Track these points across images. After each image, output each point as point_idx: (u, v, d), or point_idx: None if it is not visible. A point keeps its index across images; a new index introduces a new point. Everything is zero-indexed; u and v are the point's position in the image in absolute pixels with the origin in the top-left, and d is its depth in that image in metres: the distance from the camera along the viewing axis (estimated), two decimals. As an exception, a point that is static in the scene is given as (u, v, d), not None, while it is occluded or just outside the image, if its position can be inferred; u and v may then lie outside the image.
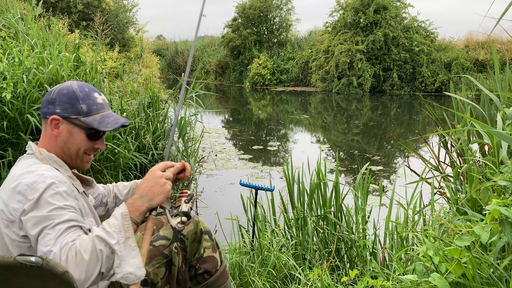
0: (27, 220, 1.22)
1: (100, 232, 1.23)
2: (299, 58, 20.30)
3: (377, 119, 11.70)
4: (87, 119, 1.40)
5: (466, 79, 14.79)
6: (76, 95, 1.40)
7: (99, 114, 1.43)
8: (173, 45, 28.91)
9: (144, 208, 1.35)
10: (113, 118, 1.45)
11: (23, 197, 1.24)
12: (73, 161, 1.46)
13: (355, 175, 6.03)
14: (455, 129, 2.69)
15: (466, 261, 1.33)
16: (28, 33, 4.73)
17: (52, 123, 1.40)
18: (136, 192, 1.38)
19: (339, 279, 2.48)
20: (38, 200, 1.23)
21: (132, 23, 16.63)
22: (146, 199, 1.35)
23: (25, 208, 1.23)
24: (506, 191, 1.60)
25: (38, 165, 1.35)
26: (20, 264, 1.05)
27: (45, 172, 1.30)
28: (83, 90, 1.42)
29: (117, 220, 1.27)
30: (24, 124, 3.57)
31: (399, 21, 17.73)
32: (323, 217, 2.91)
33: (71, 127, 1.41)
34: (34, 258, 1.05)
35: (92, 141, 1.44)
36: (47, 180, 1.26)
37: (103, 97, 1.48)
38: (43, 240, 1.19)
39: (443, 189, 3.04)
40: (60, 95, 1.40)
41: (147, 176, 1.41)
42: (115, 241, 1.23)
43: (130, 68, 6.06)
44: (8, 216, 1.26)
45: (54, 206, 1.23)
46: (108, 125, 1.42)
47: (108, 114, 1.45)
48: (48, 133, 1.42)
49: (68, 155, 1.44)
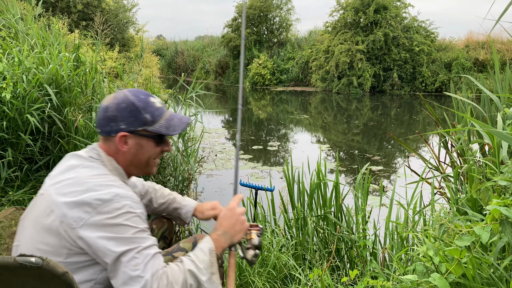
0: (93, 235, 1.19)
1: (191, 266, 1.26)
2: (299, 58, 20.30)
3: (377, 119, 11.70)
4: (153, 127, 1.38)
5: (467, 79, 14.79)
6: (136, 106, 1.36)
7: (163, 119, 1.41)
8: (173, 45, 28.93)
9: (226, 245, 1.40)
10: (177, 120, 1.43)
11: (92, 210, 1.21)
12: (142, 170, 1.44)
13: (355, 175, 6.02)
14: (455, 129, 2.69)
15: (466, 261, 1.33)
16: (28, 33, 4.73)
17: (121, 141, 1.36)
18: (218, 228, 1.41)
19: (339, 279, 2.48)
20: (116, 219, 1.21)
21: (132, 23, 16.64)
22: (228, 237, 1.40)
23: (92, 220, 1.20)
24: (506, 191, 1.60)
25: (109, 177, 1.31)
26: (20, 265, 1.05)
27: (120, 191, 1.26)
28: (140, 98, 1.38)
29: (205, 256, 1.30)
30: (24, 124, 3.57)
31: (399, 21, 17.73)
32: (323, 217, 2.91)
33: (139, 139, 1.38)
34: (34, 258, 1.05)
35: (160, 146, 1.43)
36: (123, 201, 1.24)
37: (158, 99, 1.44)
38: (130, 264, 1.18)
39: (443, 189, 3.04)
40: (119, 110, 1.35)
41: (227, 213, 1.44)
42: (206, 278, 1.27)
43: (130, 68, 6.06)
44: (70, 222, 1.21)
45: (136, 230, 1.23)
46: (176, 128, 1.41)
47: (170, 116, 1.43)
48: (114, 148, 1.38)
49: (137, 166, 1.42)
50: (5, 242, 2.62)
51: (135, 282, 1.17)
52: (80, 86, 4.00)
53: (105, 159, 1.36)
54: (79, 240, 1.21)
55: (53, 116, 3.64)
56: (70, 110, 3.71)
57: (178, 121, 1.43)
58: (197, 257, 1.29)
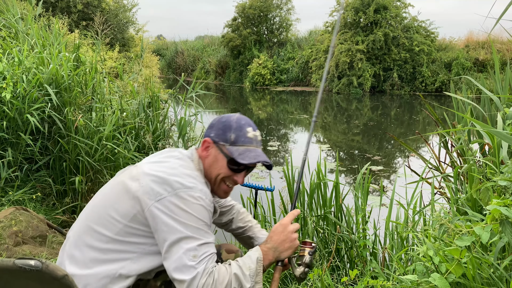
0: (166, 211, 1.29)
1: (238, 271, 1.31)
2: (299, 58, 20.29)
3: (377, 119, 11.69)
4: (231, 148, 1.45)
5: (467, 79, 14.79)
6: (230, 125, 1.47)
7: (244, 147, 1.46)
8: (173, 45, 28.91)
9: (273, 259, 1.43)
10: (254, 154, 1.46)
11: (172, 190, 1.31)
12: (213, 185, 1.50)
13: (355, 175, 6.02)
14: (456, 129, 2.69)
15: (466, 261, 1.33)
16: (28, 33, 4.72)
17: (204, 145, 1.49)
18: (268, 241, 1.45)
19: (339, 279, 2.48)
20: (188, 206, 1.30)
21: (132, 22, 16.64)
22: (277, 252, 1.43)
23: (168, 199, 1.30)
24: (506, 191, 1.60)
25: (195, 173, 1.42)
26: (20, 268, 1.04)
27: (200, 186, 1.37)
28: (239, 122, 1.48)
29: (253, 264, 1.35)
30: (23, 124, 3.56)
31: (399, 21, 17.73)
32: (323, 217, 2.91)
33: (217, 152, 1.47)
34: (33, 261, 1.04)
35: (232, 171, 1.47)
36: (201, 194, 1.34)
37: (256, 133, 1.50)
38: (189, 254, 1.27)
39: (443, 189, 3.04)
40: (219, 122, 1.49)
41: (279, 228, 1.46)
42: (249, 285, 1.31)
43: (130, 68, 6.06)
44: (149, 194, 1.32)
45: (204, 223, 1.32)
46: (245, 158, 1.44)
47: (253, 149, 1.47)
48: (201, 153, 1.50)
49: (210, 178, 1.48)
50: (5, 242, 2.62)
51: (188, 271, 1.25)
52: (80, 86, 4.00)
53: (196, 159, 1.48)
54: (148, 212, 1.31)
55: (53, 116, 3.64)
56: (70, 110, 3.71)
57: (254, 155, 1.46)
58: (245, 263, 1.34)
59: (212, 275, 1.26)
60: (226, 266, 1.32)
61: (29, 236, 2.75)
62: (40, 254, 2.62)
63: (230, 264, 1.34)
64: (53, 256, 2.64)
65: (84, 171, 3.69)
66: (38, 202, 3.54)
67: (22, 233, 2.71)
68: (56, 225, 3.06)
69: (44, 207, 3.60)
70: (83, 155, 3.63)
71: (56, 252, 2.72)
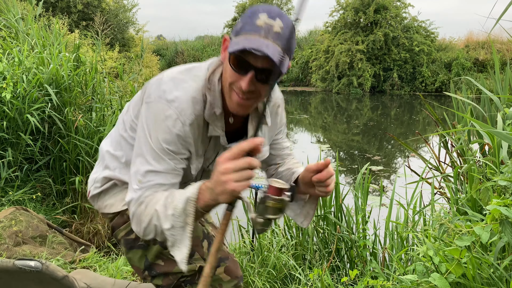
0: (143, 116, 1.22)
1: (161, 208, 1.15)
2: (299, 58, 20.30)
3: (377, 119, 11.70)
4: (232, 40, 1.14)
5: (467, 79, 14.79)
6: (245, 13, 1.14)
7: (244, 36, 1.10)
8: (173, 45, 28.89)
9: (212, 202, 1.13)
10: (247, 41, 1.07)
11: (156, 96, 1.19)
12: (226, 92, 1.20)
13: (355, 175, 6.02)
14: (456, 129, 2.69)
15: (466, 261, 1.33)
16: (28, 33, 4.73)
17: (224, 44, 1.19)
18: (211, 179, 1.12)
19: (339, 279, 2.48)
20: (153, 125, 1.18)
21: (132, 23, 16.66)
22: (214, 194, 1.11)
23: (150, 105, 1.19)
24: (506, 191, 1.60)
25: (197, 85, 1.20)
26: (19, 269, 1.04)
27: (181, 96, 1.17)
28: (257, 9, 1.13)
29: (180, 203, 1.13)
30: (24, 124, 3.57)
31: (399, 21, 17.74)
32: (323, 217, 2.91)
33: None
34: (33, 262, 1.04)
35: (234, 72, 1.14)
36: (171, 111, 1.16)
37: (270, 22, 1.09)
38: (137, 176, 1.20)
39: (443, 189, 3.04)
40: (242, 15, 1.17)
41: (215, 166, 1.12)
42: (169, 226, 1.14)
43: (130, 68, 6.06)
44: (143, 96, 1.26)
45: (160, 147, 1.18)
46: (234, 46, 1.09)
47: (253, 38, 1.08)
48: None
49: (224, 88, 1.20)
50: (5, 242, 2.62)
51: (130, 192, 1.21)
52: (80, 86, 4.00)
53: (215, 63, 1.24)
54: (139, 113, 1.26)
55: (53, 116, 3.64)
56: (70, 110, 3.71)
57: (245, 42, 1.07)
58: (173, 201, 1.14)
59: (141, 206, 1.18)
60: (154, 201, 1.17)
61: (29, 236, 2.75)
62: (40, 254, 2.62)
63: (157, 200, 1.17)
64: (53, 256, 2.64)
65: (84, 171, 3.69)
66: (38, 202, 3.54)
67: (22, 233, 2.71)
68: (56, 225, 3.06)
69: (44, 207, 3.60)
70: (83, 155, 3.63)
71: (56, 252, 2.72)
